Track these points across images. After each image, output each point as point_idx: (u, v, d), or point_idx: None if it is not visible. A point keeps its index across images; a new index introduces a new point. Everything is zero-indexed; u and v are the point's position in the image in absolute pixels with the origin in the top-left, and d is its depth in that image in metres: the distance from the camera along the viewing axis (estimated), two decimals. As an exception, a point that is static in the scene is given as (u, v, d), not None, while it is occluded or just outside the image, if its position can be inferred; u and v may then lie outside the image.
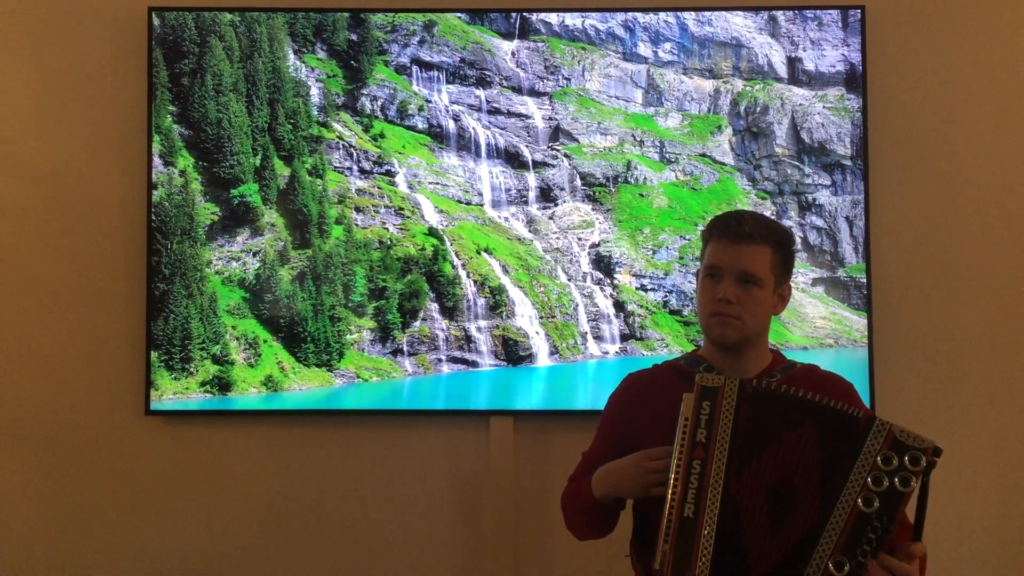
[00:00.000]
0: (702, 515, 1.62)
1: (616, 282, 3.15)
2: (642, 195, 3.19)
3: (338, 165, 3.15)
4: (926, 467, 1.58)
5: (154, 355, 3.07)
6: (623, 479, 1.80)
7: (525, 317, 3.15)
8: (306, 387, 3.10)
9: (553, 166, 3.19)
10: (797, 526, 1.61)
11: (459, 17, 3.18)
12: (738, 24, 3.17)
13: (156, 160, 3.11)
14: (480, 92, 3.19)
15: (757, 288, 1.85)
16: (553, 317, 3.15)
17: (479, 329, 3.13)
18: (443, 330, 3.13)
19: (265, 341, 3.11)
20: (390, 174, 3.17)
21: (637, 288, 3.16)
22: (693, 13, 3.17)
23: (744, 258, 1.84)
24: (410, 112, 3.18)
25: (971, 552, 3.11)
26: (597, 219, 3.18)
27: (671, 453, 1.70)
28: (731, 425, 1.66)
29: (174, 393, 3.08)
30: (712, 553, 1.60)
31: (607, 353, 3.14)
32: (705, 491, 1.63)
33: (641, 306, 3.15)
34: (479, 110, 3.18)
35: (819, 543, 1.57)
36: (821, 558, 1.56)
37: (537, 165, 3.19)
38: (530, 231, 3.20)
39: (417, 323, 3.13)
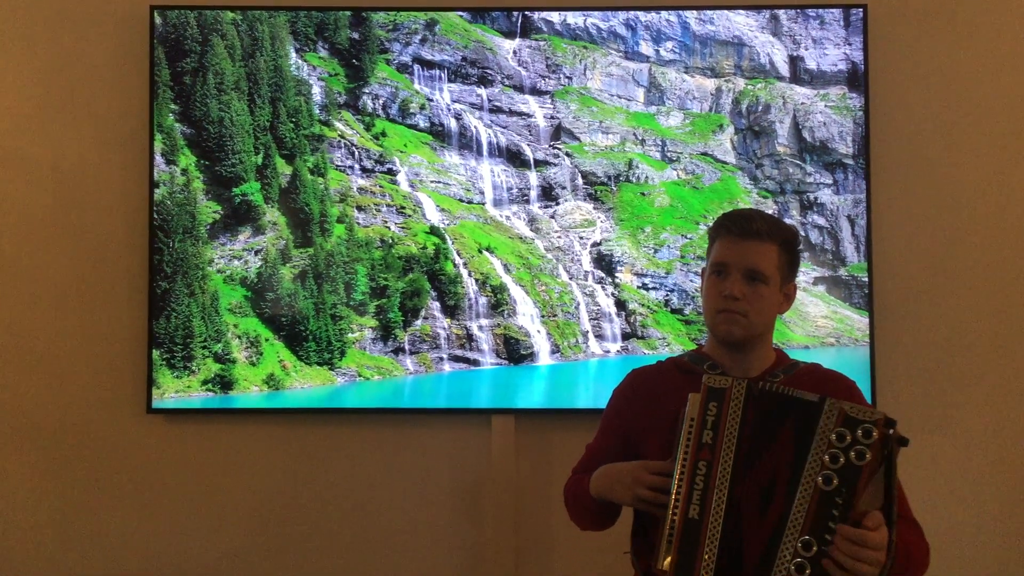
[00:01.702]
0: (707, 516, 1.62)
1: (617, 281, 3.15)
2: (644, 194, 3.19)
3: (340, 164, 3.15)
4: (882, 439, 1.57)
5: (156, 353, 3.07)
6: (618, 485, 1.81)
7: (526, 316, 3.15)
8: (308, 386, 3.10)
9: (555, 165, 3.19)
10: (773, 515, 1.62)
11: (461, 16, 3.17)
12: (740, 23, 3.17)
13: (158, 159, 3.11)
14: (482, 91, 3.19)
15: (763, 286, 1.85)
16: (554, 316, 3.15)
17: (480, 328, 3.13)
18: (444, 329, 3.13)
19: (267, 339, 3.11)
20: (392, 173, 3.17)
21: (638, 287, 3.16)
22: (695, 12, 3.17)
23: (751, 255, 1.84)
24: (412, 111, 3.18)
25: (972, 549, 3.11)
26: (599, 218, 3.18)
27: (670, 470, 1.70)
28: (738, 427, 1.66)
29: (176, 391, 3.08)
30: (717, 554, 1.60)
31: (608, 352, 3.14)
32: (711, 492, 1.63)
33: (642, 305, 3.15)
34: (481, 109, 3.18)
35: (787, 527, 1.58)
36: (790, 542, 1.57)
37: (539, 164, 3.19)
38: (532, 230, 3.20)
39: (419, 322, 3.13)
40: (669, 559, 1.62)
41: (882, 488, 1.60)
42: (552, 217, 3.19)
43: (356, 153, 3.16)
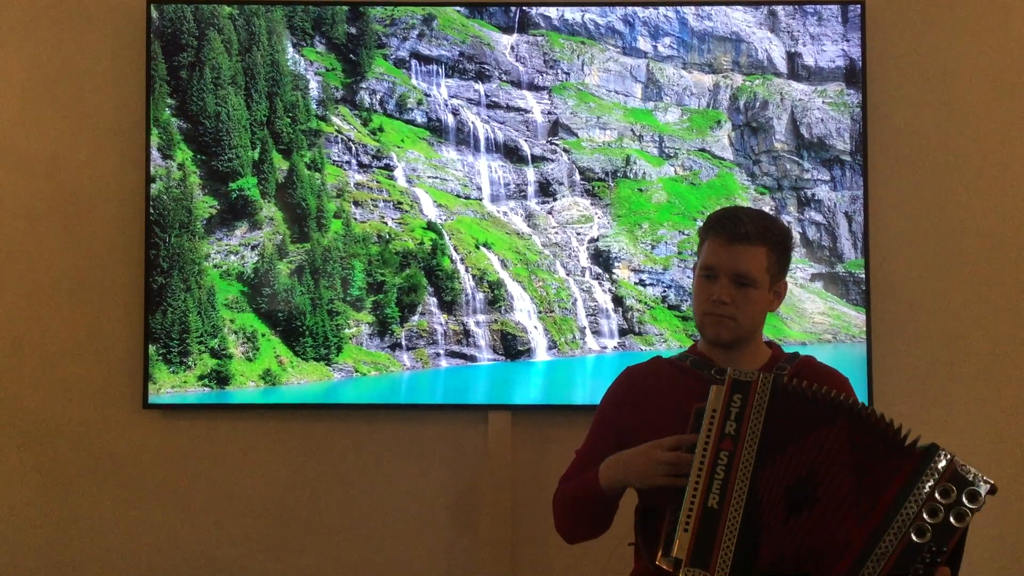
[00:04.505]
0: (727, 506, 1.61)
1: (615, 277, 3.15)
2: (641, 190, 3.18)
3: (337, 159, 3.15)
4: (982, 505, 1.56)
5: (152, 348, 3.06)
6: (632, 467, 1.79)
7: (524, 312, 3.15)
8: (304, 381, 3.10)
9: (552, 160, 3.19)
10: (817, 527, 1.60)
11: (458, 11, 3.17)
12: (738, 19, 3.17)
13: (154, 153, 3.10)
14: (479, 86, 3.18)
15: (752, 289, 1.85)
16: (552, 312, 3.15)
17: (477, 323, 3.13)
18: (441, 324, 3.13)
19: (263, 335, 3.11)
20: (389, 168, 3.16)
21: (636, 283, 3.16)
22: (693, 8, 3.16)
23: (739, 259, 1.84)
24: (409, 106, 3.18)
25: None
26: (596, 214, 3.18)
27: (684, 443, 1.70)
28: (762, 419, 1.65)
29: (172, 387, 3.08)
30: (735, 545, 1.60)
31: (605, 348, 3.14)
32: (731, 483, 1.62)
33: (640, 301, 3.15)
34: (478, 104, 3.18)
35: (864, 566, 1.54)
36: None
37: (536, 159, 3.19)
38: (529, 226, 3.20)
39: (415, 317, 3.12)
40: (687, 546, 1.60)
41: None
42: (549, 213, 3.19)
43: (353, 148, 3.16)
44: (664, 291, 3.15)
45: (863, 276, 3.09)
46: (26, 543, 3.15)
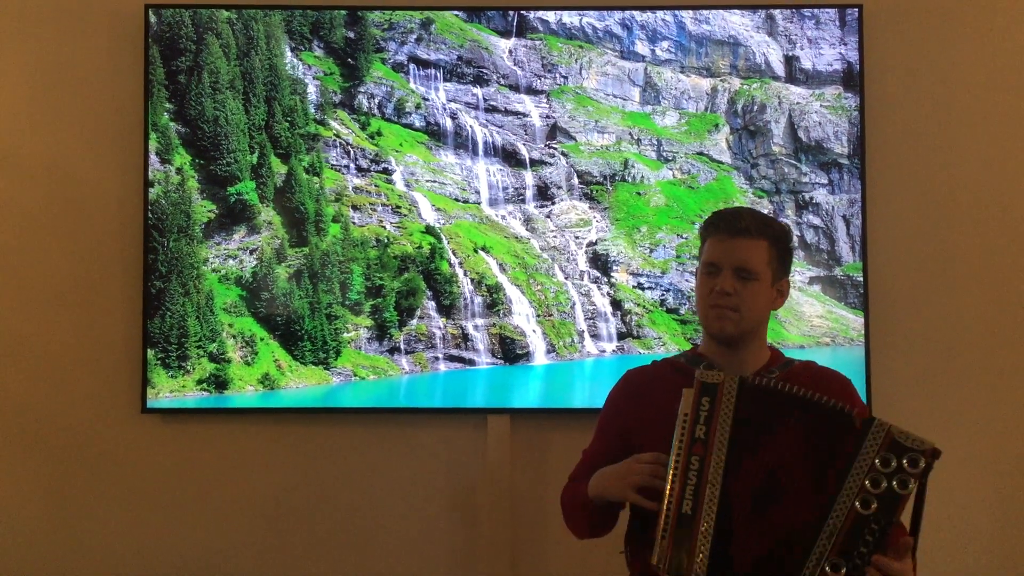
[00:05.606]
0: (700, 512, 1.62)
1: (613, 280, 3.15)
2: (639, 193, 3.19)
3: (335, 163, 3.15)
4: (924, 469, 1.57)
5: (151, 353, 3.06)
6: (610, 482, 1.82)
7: (522, 315, 3.15)
8: (303, 385, 3.10)
9: (550, 164, 3.19)
10: (783, 519, 1.61)
11: (456, 15, 3.17)
12: (735, 22, 3.17)
13: (153, 158, 3.10)
14: (477, 90, 3.18)
15: (754, 282, 1.86)
16: (550, 315, 3.15)
17: (476, 327, 3.13)
18: (440, 328, 3.13)
19: (262, 339, 3.11)
20: (387, 172, 3.17)
21: (634, 286, 3.16)
22: (691, 11, 3.17)
23: (741, 252, 1.86)
24: (407, 110, 3.18)
25: (969, 551, 3.11)
26: (594, 217, 3.18)
27: (658, 459, 1.71)
28: (730, 422, 1.66)
29: (171, 391, 3.08)
30: (710, 549, 1.60)
31: (604, 351, 3.14)
32: (703, 488, 1.63)
33: (638, 304, 3.15)
34: (476, 108, 3.18)
35: (816, 544, 1.57)
36: (818, 559, 1.56)
37: (534, 163, 3.19)
38: (527, 229, 3.20)
39: (414, 321, 3.12)
40: (666, 553, 1.61)
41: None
42: (548, 217, 3.19)
43: (351, 152, 3.16)
44: (662, 295, 3.15)
45: (861, 279, 3.09)
46: (26, 546, 3.14)
